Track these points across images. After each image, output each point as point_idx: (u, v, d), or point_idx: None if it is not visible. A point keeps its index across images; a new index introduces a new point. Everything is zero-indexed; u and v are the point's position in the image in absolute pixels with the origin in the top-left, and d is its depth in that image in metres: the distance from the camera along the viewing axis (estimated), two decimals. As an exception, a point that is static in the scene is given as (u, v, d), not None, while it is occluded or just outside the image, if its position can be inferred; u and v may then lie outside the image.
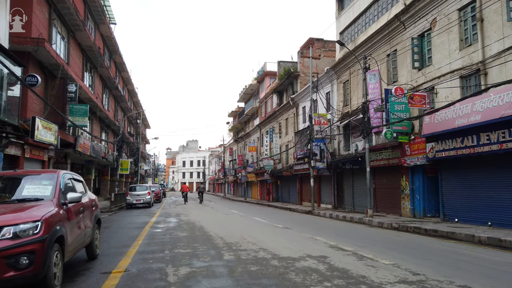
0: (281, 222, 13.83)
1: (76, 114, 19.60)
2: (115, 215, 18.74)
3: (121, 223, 13.70)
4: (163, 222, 13.60)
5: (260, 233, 9.97)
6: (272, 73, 39.91)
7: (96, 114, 29.61)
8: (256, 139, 44.44)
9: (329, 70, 23.05)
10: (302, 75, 29.90)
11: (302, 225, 12.87)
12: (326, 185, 23.78)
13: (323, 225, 13.35)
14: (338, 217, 17.09)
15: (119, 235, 9.79)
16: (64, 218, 4.63)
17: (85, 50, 26.01)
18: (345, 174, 21.63)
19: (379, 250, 7.38)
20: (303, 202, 28.33)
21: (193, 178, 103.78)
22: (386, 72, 17.50)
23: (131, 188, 25.35)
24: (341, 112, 21.76)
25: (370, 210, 15.33)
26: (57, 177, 5.09)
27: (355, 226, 13.32)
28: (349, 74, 21.16)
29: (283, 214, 19.64)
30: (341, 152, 22.12)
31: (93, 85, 29.11)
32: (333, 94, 23.17)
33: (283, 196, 33.72)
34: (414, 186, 15.36)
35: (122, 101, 41.21)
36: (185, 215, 17.00)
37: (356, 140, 20.19)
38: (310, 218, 16.80)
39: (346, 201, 21.49)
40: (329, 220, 16.49)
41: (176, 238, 8.97)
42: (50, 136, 16.41)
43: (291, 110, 31.30)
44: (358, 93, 19.91)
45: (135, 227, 12.01)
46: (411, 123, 15.36)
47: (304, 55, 29.95)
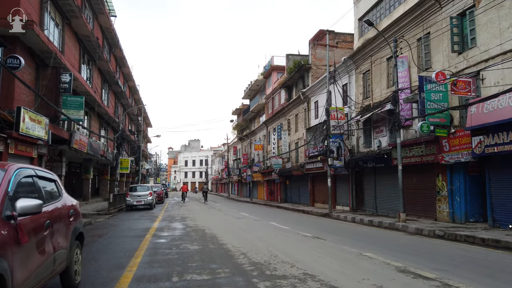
0: (304, 228, 11.90)
1: (70, 106, 17.75)
2: (113, 218, 16.88)
3: (118, 229, 11.82)
4: (167, 228, 11.74)
5: (290, 246, 8.06)
6: (280, 67, 38.01)
7: (95, 110, 27.77)
8: (262, 137, 42.54)
9: (346, 60, 21.13)
10: (314, 68, 27.99)
11: (332, 233, 10.91)
12: (343, 185, 21.86)
13: (355, 233, 11.40)
14: (363, 221, 15.18)
15: (113, 248, 7.86)
16: (7, 242, 2.78)
17: (82, 40, 24.16)
18: (365, 173, 19.71)
19: (468, 276, 5.40)
20: (316, 203, 26.44)
21: (195, 177, 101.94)
22: (417, 58, 15.57)
23: (132, 188, 23.48)
24: (361, 105, 19.84)
25: (403, 214, 13.42)
26: (4, 174, 3.21)
27: (392, 234, 11.39)
28: (370, 63, 19.23)
29: (299, 218, 17.74)
30: (361, 149, 20.20)
31: (91, 79, 27.27)
32: (351, 86, 21.26)
33: (293, 197, 31.82)
34: (453, 186, 13.44)
35: (122, 97, 39.37)
36: (191, 219, 15.11)
37: (379, 136, 18.27)
38: (332, 223, 14.88)
39: (366, 203, 19.57)
40: (354, 225, 14.58)
41: (186, 254, 7.09)
42: (40, 130, 14.57)
43: (301, 105, 29.39)
44: (382, 83, 17.99)
45: (134, 235, 10.14)
46: (449, 115, 13.44)
47: (318, 44, 28.01)
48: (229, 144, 62.85)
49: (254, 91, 47.27)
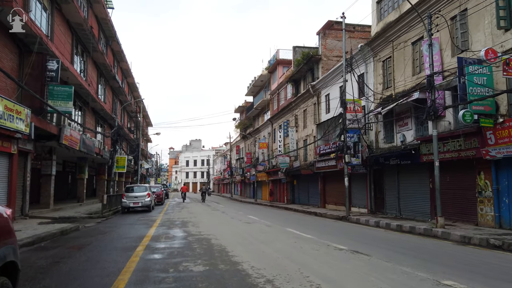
0: (331, 237, 9.91)
1: (57, 97, 15.86)
2: (106, 222, 14.98)
3: (106, 238, 9.89)
4: (165, 237, 9.81)
5: (331, 269, 5.97)
6: (286, 61, 36.09)
7: (89, 105, 25.91)
8: (267, 135, 40.62)
9: (363, 47, 19.19)
10: (325, 59, 26.05)
11: (369, 244, 8.83)
12: (359, 185, 19.92)
13: (395, 243, 9.28)
14: (390, 226, 13.25)
15: (88, 271, 5.76)
16: None
17: (74, 29, 22.29)
18: (386, 172, 17.77)
19: None
20: (327, 204, 24.50)
21: (197, 178, 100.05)
22: (450, 40, 13.64)
23: (128, 189, 21.54)
24: (381, 96, 17.91)
25: (441, 218, 11.48)
26: None
27: (440, 245, 9.39)
28: (391, 49, 17.30)
29: (314, 222, 15.82)
30: (380, 145, 18.26)
31: (86, 72, 25.38)
32: (369, 76, 19.32)
33: (301, 198, 29.87)
34: (499, 186, 11.50)
35: (120, 93, 37.50)
36: (194, 224, 13.14)
37: (403, 130, 16.33)
38: (357, 229, 12.90)
39: (387, 205, 17.62)
40: (382, 231, 12.63)
41: (187, 282, 5.06)
42: (18, 122, 12.68)
43: (310, 99, 27.45)
44: (406, 71, 16.06)
45: (123, 247, 8.18)
46: (495, 102, 11.50)
47: (329, 34, 26.07)
48: (232, 143, 60.94)
49: (258, 87, 45.35)
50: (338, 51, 26.14)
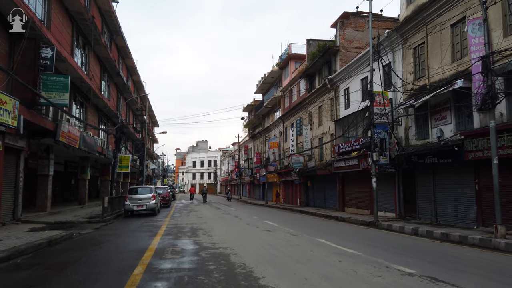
0: (379, 252, 8.01)
1: (52, 88, 14.18)
2: (104, 229, 13.25)
3: (99, 252, 8.03)
4: (172, 251, 7.89)
5: None
6: (299, 56, 34.24)
7: (91, 101, 24.32)
8: (277, 134, 38.79)
9: (391, 33, 17.30)
10: (343, 51, 24.16)
11: (435, 263, 6.83)
12: (386, 187, 17.98)
13: (461, 260, 7.36)
14: (432, 234, 11.35)
15: None
16: None
17: (74, 18, 20.70)
18: (419, 172, 15.84)
19: None
20: (346, 208, 22.60)
21: (203, 179, 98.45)
22: (502, 18, 11.71)
23: (131, 191, 19.81)
24: (412, 87, 16.01)
25: (501, 226, 9.56)
26: None
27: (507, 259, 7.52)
28: (425, 34, 15.39)
29: (342, 229, 13.96)
30: (411, 141, 16.34)
31: (87, 65, 23.79)
32: (396, 65, 17.41)
33: (315, 200, 27.96)
34: None
35: (125, 91, 35.92)
36: (205, 233, 11.28)
37: (440, 124, 14.40)
38: (399, 239, 10.99)
39: (421, 209, 15.69)
40: (427, 241, 10.74)
41: None
42: (4, 113, 11.05)
43: (327, 94, 25.58)
44: (445, 57, 14.14)
45: (117, 268, 6.31)
46: None
47: (347, 24, 24.19)
48: (240, 143, 59.19)
49: (268, 84, 43.51)
50: (357, 42, 24.26)
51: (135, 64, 40.29)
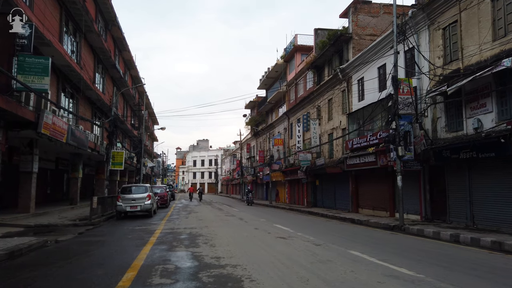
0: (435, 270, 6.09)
1: (29, 71, 12.25)
2: (88, 234, 11.34)
3: (64, 271, 5.94)
4: (161, 272, 5.87)
5: None
6: (305, 47, 32.30)
7: (82, 92, 22.38)
8: (282, 131, 36.88)
9: (416, 12, 15.35)
10: (356, 38, 22.23)
11: None
12: (409, 186, 15.99)
13: None
14: (479, 242, 9.45)
15: None
16: None
17: (63, 1, 18.85)
18: (450, 168, 13.91)
19: None
20: (360, 209, 20.69)
21: (204, 178, 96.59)
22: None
23: (124, 190, 17.84)
24: (442, 72, 14.08)
25: None
26: None
27: None
28: (457, 11, 13.45)
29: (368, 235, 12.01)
30: (440, 134, 14.41)
31: (79, 54, 21.90)
32: (421, 49, 15.44)
33: (324, 200, 26.04)
34: None
35: (122, 85, 33.98)
36: (206, 241, 9.28)
37: (478, 113, 12.46)
38: (442, 250, 8.91)
39: (452, 211, 13.76)
40: (473, 250, 8.82)
41: None
42: (-37, 96, 9.15)
43: (338, 86, 23.66)
44: (483, 35, 12.21)
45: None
46: None
47: (360, 9, 22.24)
48: (242, 141, 57.28)
49: (272, 79, 41.57)
50: (372, 29, 22.34)
51: (133, 58, 38.41)
